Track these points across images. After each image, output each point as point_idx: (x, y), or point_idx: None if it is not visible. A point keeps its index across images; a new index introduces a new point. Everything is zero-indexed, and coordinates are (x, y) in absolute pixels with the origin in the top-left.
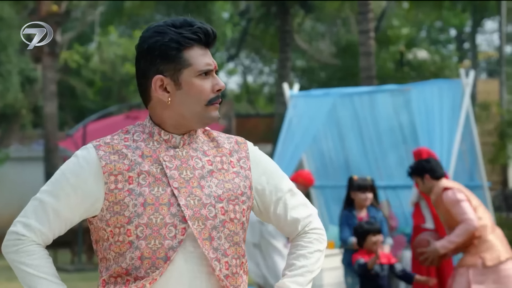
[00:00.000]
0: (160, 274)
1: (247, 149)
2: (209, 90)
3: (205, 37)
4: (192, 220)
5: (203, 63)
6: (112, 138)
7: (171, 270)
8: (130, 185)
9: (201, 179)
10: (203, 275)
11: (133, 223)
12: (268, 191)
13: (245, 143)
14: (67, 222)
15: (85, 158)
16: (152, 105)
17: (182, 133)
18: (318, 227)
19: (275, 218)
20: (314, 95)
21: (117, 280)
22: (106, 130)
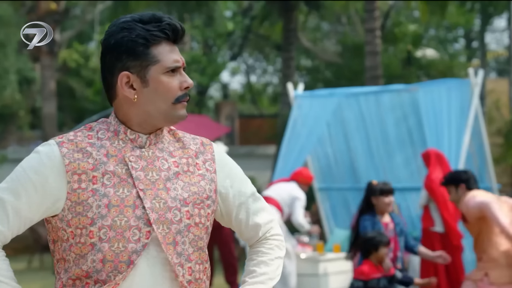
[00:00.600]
0: (123, 279)
1: (213, 151)
2: (176, 88)
3: (173, 34)
4: (157, 224)
5: (171, 60)
6: (75, 135)
7: (134, 274)
8: (94, 185)
9: (167, 181)
10: (166, 281)
11: (96, 225)
12: (231, 195)
13: (211, 144)
14: (27, 221)
15: (47, 155)
16: (117, 102)
17: (148, 132)
18: (278, 233)
19: (237, 223)
20: (319, 95)
21: (75, 283)
22: None
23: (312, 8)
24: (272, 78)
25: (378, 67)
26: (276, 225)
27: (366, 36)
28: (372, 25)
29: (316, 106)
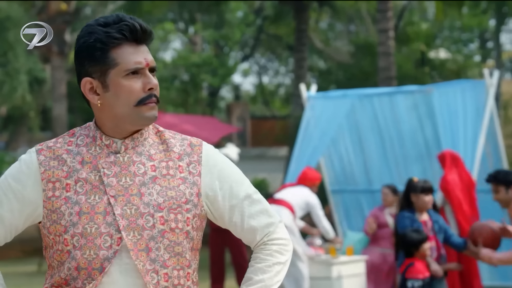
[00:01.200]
0: (94, 286)
1: (200, 153)
2: (139, 90)
3: (131, 34)
4: (126, 231)
5: (131, 61)
6: (56, 141)
7: (106, 282)
8: (67, 193)
9: (141, 186)
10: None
11: (69, 232)
12: (221, 197)
13: (200, 145)
14: (12, 229)
15: (26, 163)
16: (92, 108)
17: (124, 136)
18: (280, 237)
19: (232, 226)
20: (332, 96)
21: None
22: None
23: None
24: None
25: (391, 68)
26: (278, 229)
27: (379, 37)
28: (385, 26)
29: (329, 108)
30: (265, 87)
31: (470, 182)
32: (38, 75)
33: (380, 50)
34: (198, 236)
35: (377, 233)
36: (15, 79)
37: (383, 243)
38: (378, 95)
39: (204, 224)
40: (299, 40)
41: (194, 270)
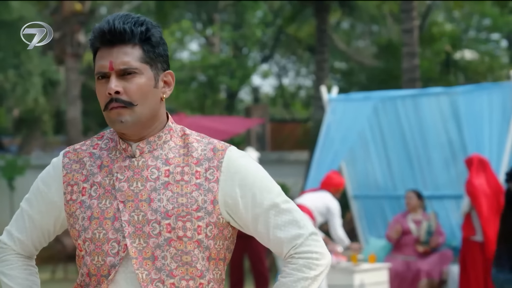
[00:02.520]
0: None
1: (222, 158)
2: (103, 94)
3: (101, 37)
4: (132, 238)
5: (98, 65)
6: (83, 144)
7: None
8: (83, 197)
9: (152, 192)
10: None
11: (81, 238)
12: (242, 206)
13: (223, 150)
14: (44, 232)
15: (54, 165)
16: None
17: (138, 139)
18: (309, 250)
19: (258, 236)
20: (354, 99)
21: None
22: None
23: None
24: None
25: (415, 69)
26: (308, 241)
27: (403, 37)
28: (409, 26)
29: (351, 110)
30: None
31: (498, 188)
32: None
33: (404, 51)
34: (218, 245)
35: (400, 240)
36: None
37: (406, 250)
38: (401, 97)
39: (226, 233)
40: (320, 41)
41: (211, 281)
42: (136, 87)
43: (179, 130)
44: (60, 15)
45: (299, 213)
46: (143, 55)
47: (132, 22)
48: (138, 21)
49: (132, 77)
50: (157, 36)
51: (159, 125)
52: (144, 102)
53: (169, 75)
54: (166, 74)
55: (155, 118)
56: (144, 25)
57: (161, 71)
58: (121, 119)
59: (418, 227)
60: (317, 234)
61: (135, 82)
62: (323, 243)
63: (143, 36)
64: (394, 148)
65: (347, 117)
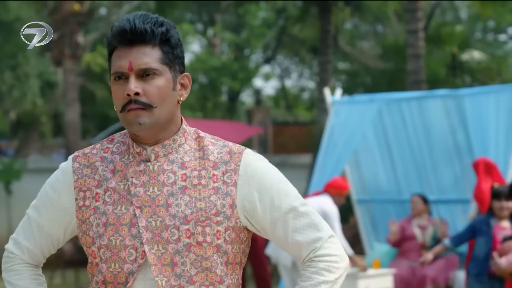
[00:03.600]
0: None
1: (239, 161)
2: (121, 96)
3: (121, 37)
4: (150, 244)
5: (115, 65)
6: (93, 147)
7: None
8: (96, 203)
9: (169, 197)
10: None
11: (95, 244)
12: (260, 209)
13: (240, 153)
14: (53, 239)
15: (63, 170)
16: None
17: (153, 143)
18: (329, 253)
19: (276, 240)
20: (358, 101)
21: None
22: None
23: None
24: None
25: (421, 71)
26: (327, 244)
27: (408, 38)
28: (414, 26)
29: (355, 113)
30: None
31: None
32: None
33: (409, 52)
34: (235, 249)
35: (405, 245)
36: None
37: (411, 255)
38: (406, 99)
39: (243, 237)
40: (324, 42)
41: (230, 286)
42: (155, 89)
43: (192, 132)
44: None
45: (317, 216)
46: (162, 56)
47: (152, 22)
48: (157, 21)
49: (151, 78)
50: (175, 38)
51: (174, 128)
52: (163, 105)
53: (186, 78)
54: (183, 76)
55: (171, 121)
56: (164, 26)
57: (179, 73)
58: (139, 121)
59: (423, 232)
60: (335, 237)
61: (154, 84)
62: (341, 246)
63: (163, 37)
64: (399, 151)
65: (351, 119)
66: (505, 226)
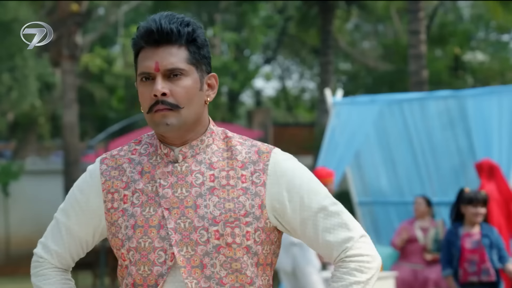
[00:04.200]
0: None
1: (267, 160)
2: (148, 97)
3: (147, 37)
4: (179, 246)
5: (142, 66)
6: (120, 149)
7: None
8: (125, 205)
9: (198, 198)
10: None
11: (125, 247)
12: (290, 209)
13: (269, 152)
14: (82, 242)
15: (91, 173)
16: None
17: (181, 143)
18: (360, 253)
19: (306, 240)
20: (359, 102)
21: None
22: None
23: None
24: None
25: (422, 71)
26: (359, 244)
27: (410, 39)
28: (416, 27)
29: (356, 114)
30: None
31: (509, 194)
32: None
33: (411, 52)
34: (266, 250)
35: (407, 248)
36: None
37: (413, 258)
38: (408, 100)
39: (273, 237)
40: (325, 42)
41: (260, 287)
42: (183, 90)
43: (220, 132)
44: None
45: (348, 215)
46: (189, 57)
47: (178, 22)
48: (183, 21)
49: (178, 79)
50: (202, 38)
51: (201, 129)
52: (190, 105)
53: (213, 78)
54: (210, 76)
55: (198, 121)
56: (190, 26)
57: (206, 74)
58: (167, 122)
59: (425, 235)
60: (367, 236)
61: (182, 85)
62: (373, 246)
63: (189, 37)
64: (400, 153)
65: (352, 121)
66: (474, 232)
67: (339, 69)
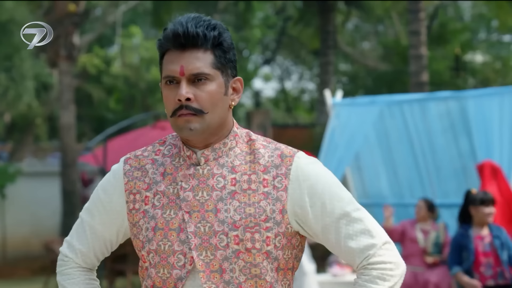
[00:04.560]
0: None
1: (290, 165)
2: (172, 100)
3: (174, 40)
4: (198, 250)
5: (167, 69)
6: (144, 150)
7: None
8: (146, 206)
9: (218, 202)
10: None
11: (145, 249)
12: (312, 215)
13: (292, 156)
14: (107, 242)
15: (114, 173)
16: None
17: (203, 146)
18: (383, 260)
19: (329, 245)
20: (359, 103)
21: None
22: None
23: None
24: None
25: (423, 72)
26: (381, 251)
27: (410, 39)
28: (416, 27)
29: (356, 115)
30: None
31: (510, 196)
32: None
33: (411, 53)
34: (287, 255)
35: (407, 249)
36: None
37: (414, 260)
38: (408, 101)
39: (295, 242)
40: (324, 43)
41: None
42: (207, 95)
43: (244, 135)
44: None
45: (371, 221)
46: (214, 61)
47: (205, 25)
48: (210, 24)
49: (203, 84)
50: (228, 41)
51: (225, 132)
52: (214, 110)
53: (238, 82)
54: (235, 80)
55: (222, 125)
56: (217, 29)
57: (231, 78)
58: (190, 127)
59: (425, 237)
60: (391, 243)
61: (206, 90)
62: (397, 252)
63: (215, 41)
64: (401, 154)
65: (352, 122)
66: (484, 234)
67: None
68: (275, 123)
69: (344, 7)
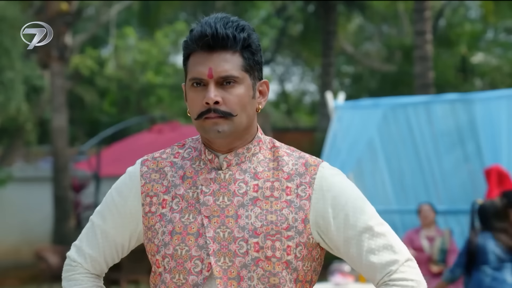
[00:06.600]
0: None
1: (314, 174)
2: (199, 103)
3: (200, 41)
4: (217, 256)
5: (194, 71)
6: (163, 152)
7: None
8: (163, 210)
9: (239, 208)
10: None
11: (160, 253)
12: (334, 227)
13: (316, 165)
14: (118, 247)
15: (130, 174)
16: None
17: (227, 150)
18: (405, 277)
19: (349, 259)
20: (361, 106)
21: None
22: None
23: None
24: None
25: (428, 73)
26: (403, 268)
27: (416, 40)
28: (422, 27)
29: (359, 118)
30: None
31: None
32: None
33: (417, 54)
34: (306, 266)
35: None
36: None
37: None
38: (413, 104)
39: (315, 254)
40: (326, 43)
41: None
42: (236, 98)
43: (268, 142)
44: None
45: (394, 237)
46: (243, 63)
47: (234, 27)
48: (239, 25)
49: (231, 86)
50: (256, 43)
51: (249, 137)
52: (243, 113)
53: (264, 85)
54: (261, 83)
55: (248, 129)
56: (245, 31)
57: (258, 80)
58: (218, 129)
59: (431, 244)
60: (413, 260)
61: (235, 93)
62: (419, 270)
63: (245, 43)
64: (405, 159)
65: (354, 125)
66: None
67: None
68: (274, 127)
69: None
